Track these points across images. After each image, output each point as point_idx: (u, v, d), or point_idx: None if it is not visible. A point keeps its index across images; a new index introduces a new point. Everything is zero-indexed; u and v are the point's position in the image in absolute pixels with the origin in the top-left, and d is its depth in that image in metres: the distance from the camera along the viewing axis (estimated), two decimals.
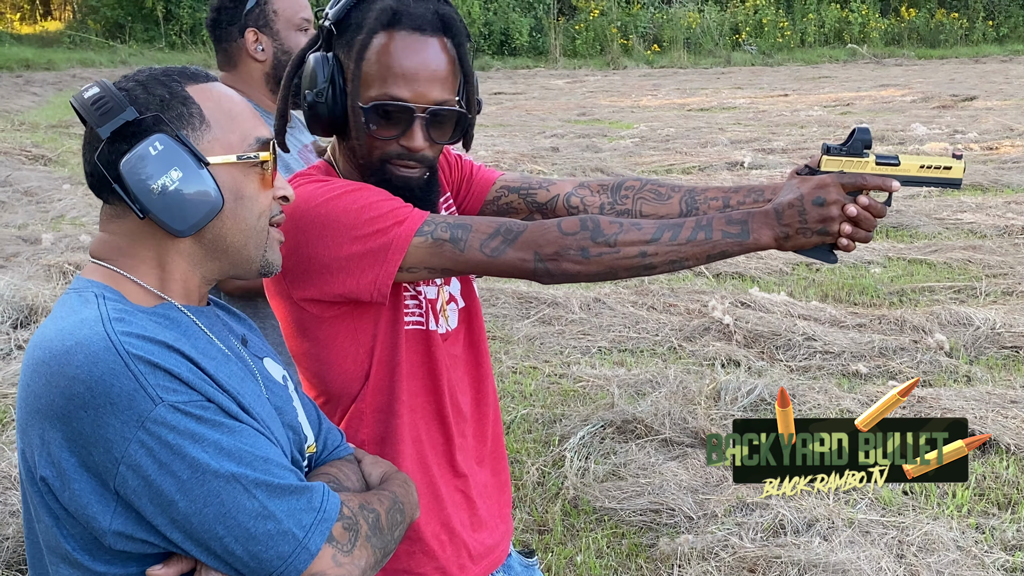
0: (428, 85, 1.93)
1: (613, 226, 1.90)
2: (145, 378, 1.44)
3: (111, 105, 1.56)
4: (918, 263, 8.20)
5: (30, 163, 13.20)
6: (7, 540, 4.12)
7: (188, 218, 1.57)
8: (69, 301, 1.58)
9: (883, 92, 19.96)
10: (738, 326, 6.48)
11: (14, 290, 6.96)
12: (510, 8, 30.82)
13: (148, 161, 1.54)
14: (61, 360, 1.45)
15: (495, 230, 1.92)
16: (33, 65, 26.12)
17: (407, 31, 1.92)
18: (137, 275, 1.62)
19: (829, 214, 1.91)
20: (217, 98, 1.65)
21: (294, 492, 1.52)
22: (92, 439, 1.43)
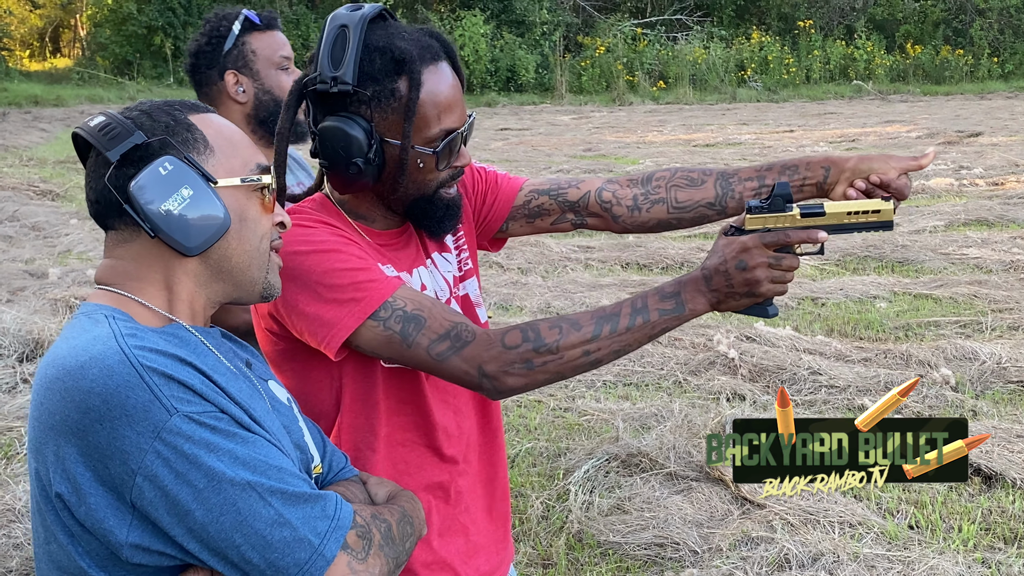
0: (462, 106, 2.03)
1: (553, 332, 1.91)
2: (160, 389, 1.45)
3: (119, 130, 1.59)
4: (924, 298, 8.19)
5: (38, 198, 13.26)
6: (10, 573, 4.11)
7: (198, 236, 1.60)
8: (79, 323, 1.59)
9: (888, 128, 20.00)
10: (743, 360, 6.47)
11: (20, 324, 6.97)
12: (516, 45, 30.98)
13: (158, 181, 1.57)
14: (76, 375, 1.46)
15: (446, 332, 1.92)
16: (42, 101, 26.29)
17: (432, 65, 1.98)
18: (144, 297, 1.63)
19: (754, 277, 1.90)
20: (218, 126, 1.70)
21: (308, 500, 1.54)
22: (108, 451, 1.44)
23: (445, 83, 1.98)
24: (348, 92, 1.94)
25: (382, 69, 1.94)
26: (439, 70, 1.98)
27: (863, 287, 8.43)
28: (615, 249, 10.01)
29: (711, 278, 1.93)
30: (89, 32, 35.52)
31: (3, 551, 4.25)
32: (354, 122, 1.95)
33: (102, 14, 32.84)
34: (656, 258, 9.64)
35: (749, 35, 32.82)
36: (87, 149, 1.67)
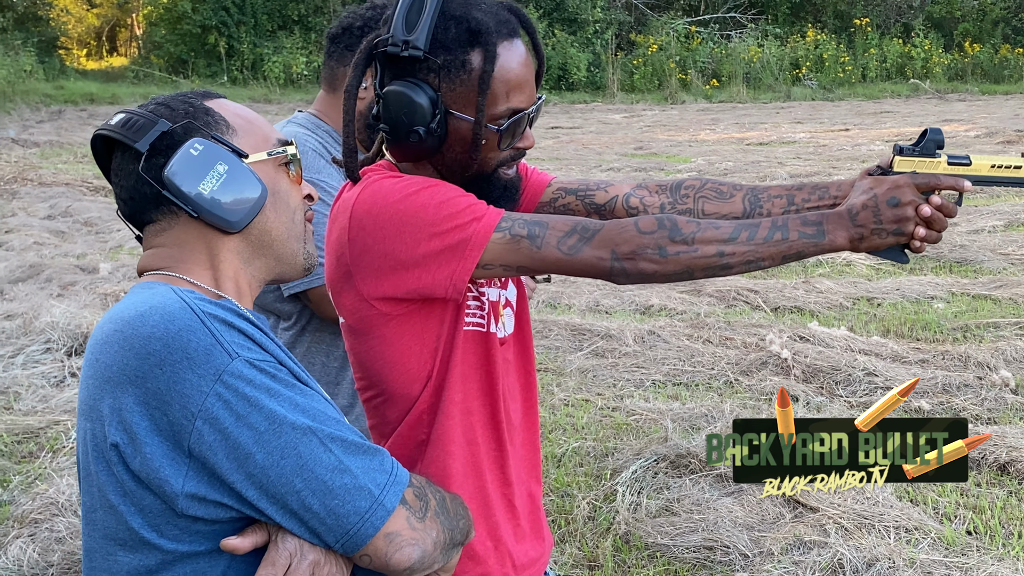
0: (530, 86, 1.99)
1: (691, 225, 1.87)
2: (221, 335, 1.47)
3: (142, 122, 1.61)
4: (982, 299, 8.02)
5: (91, 194, 13.40)
6: (52, 567, 4.10)
7: (239, 211, 1.62)
8: (136, 291, 1.61)
9: (946, 127, 19.72)
10: (796, 360, 6.35)
11: (70, 318, 7.03)
12: (568, 43, 30.93)
13: (192, 163, 1.59)
14: (136, 323, 1.48)
15: (572, 228, 1.88)
16: (97, 99, 26.62)
17: (507, 40, 1.94)
18: (192, 276, 1.64)
19: (904, 214, 1.90)
20: (233, 108, 1.73)
21: (367, 451, 1.54)
22: (168, 396, 1.43)
23: (518, 60, 1.94)
24: (419, 58, 1.89)
25: (456, 38, 1.90)
26: (514, 46, 1.94)
27: (920, 287, 8.27)
28: None
29: (857, 213, 1.90)
30: (145, 31, 35.94)
31: (46, 545, 4.24)
32: (421, 89, 1.90)
33: (157, 13, 33.21)
34: None
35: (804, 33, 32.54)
36: (107, 153, 1.69)
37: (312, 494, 1.47)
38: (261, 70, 30.27)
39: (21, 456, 5.30)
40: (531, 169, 2.33)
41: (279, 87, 29.37)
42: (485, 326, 2.03)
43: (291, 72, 30.05)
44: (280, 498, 1.47)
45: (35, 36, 30.27)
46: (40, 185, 13.71)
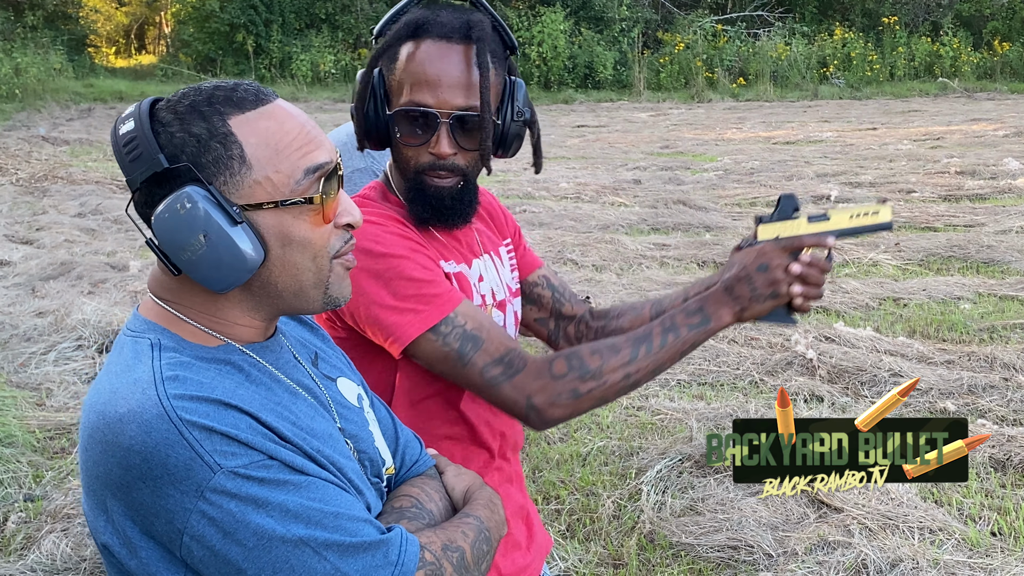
0: (451, 91, 1.96)
1: (595, 358, 1.95)
2: (201, 445, 1.36)
3: (140, 151, 1.45)
4: (1010, 299, 7.99)
5: (121, 192, 13.49)
6: (84, 562, 4.16)
7: (224, 278, 1.47)
8: (124, 350, 1.51)
9: (975, 126, 19.60)
10: (822, 361, 6.35)
11: (100, 315, 7.10)
12: (595, 42, 30.88)
13: (176, 221, 1.43)
14: (115, 429, 1.38)
15: (501, 356, 1.95)
16: (127, 97, 26.77)
17: (433, 39, 1.97)
18: (191, 318, 1.54)
19: (775, 277, 1.98)
20: (263, 130, 1.50)
21: (369, 548, 1.44)
22: (153, 510, 1.37)
23: (437, 61, 1.96)
24: (374, 43, 2.03)
25: (397, 30, 1.99)
26: (440, 47, 1.96)
27: (947, 288, 8.24)
28: (691, 247, 9.91)
29: (733, 287, 2.00)
30: (173, 29, 36.14)
31: (79, 540, 4.30)
32: (369, 71, 2.03)
33: (186, 11, 33.39)
34: None
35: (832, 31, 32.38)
36: None
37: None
38: (289, 68, 30.38)
39: (53, 452, 5.36)
40: (526, 247, 2.40)
41: (307, 85, 29.47)
42: None
43: (319, 70, 30.14)
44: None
45: (65, 34, 30.48)
46: (70, 183, 13.82)
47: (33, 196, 13.10)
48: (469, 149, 2.00)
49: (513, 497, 2.24)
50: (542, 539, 2.34)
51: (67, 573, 4.12)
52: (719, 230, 10.74)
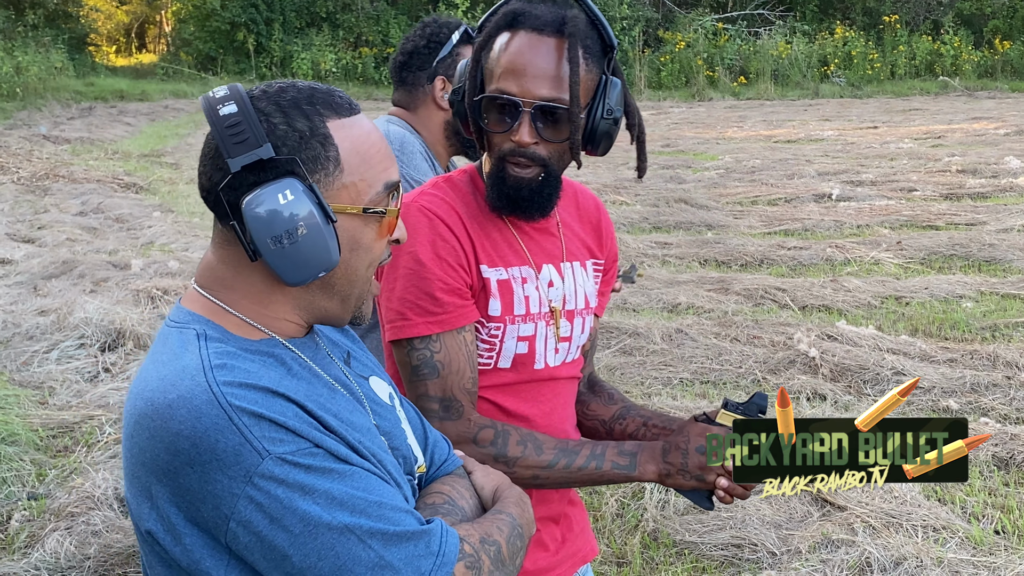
0: (536, 82, 1.98)
1: (518, 448, 2.05)
2: (250, 431, 1.39)
3: (247, 136, 1.46)
4: (1011, 298, 7.99)
5: (122, 191, 13.50)
6: (88, 560, 4.16)
7: (302, 272, 1.50)
8: (170, 340, 1.53)
9: (975, 125, 19.60)
10: (824, 359, 6.35)
11: (103, 314, 7.10)
12: None
13: (274, 208, 1.45)
14: (164, 415, 1.40)
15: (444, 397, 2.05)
16: (127, 96, 26.79)
17: (526, 31, 2.00)
18: (239, 310, 1.56)
19: (707, 478, 2.05)
20: (356, 137, 1.55)
21: (411, 538, 1.46)
22: (200, 495, 1.39)
23: (526, 51, 1.99)
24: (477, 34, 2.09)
25: (495, 21, 2.04)
26: (532, 38, 1.99)
27: (948, 286, 8.24)
28: (692, 246, 9.91)
29: (669, 451, 2.07)
30: (174, 28, 36.13)
31: (82, 538, 4.30)
32: (466, 62, 2.09)
33: (186, 10, 33.38)
34: (735, 255, 9.52)
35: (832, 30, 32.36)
36: None
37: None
38: (289, 67, 30.37)
39: (56, 450, 5.37)
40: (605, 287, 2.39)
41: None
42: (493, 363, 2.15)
43: (319, 69, 30.13)
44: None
45: (65, 33, 30.46)
46: (72, 181, 13.82)
47: (34, 195, 13.10)
48: (551, 140, 2.01)
49: (551, 500, 2.26)
50: (578, 547, 2.35)
51: (71, 571, 4.12)
52: (720, 228, 10.74)
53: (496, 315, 2.10)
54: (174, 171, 15.56)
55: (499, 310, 2.10)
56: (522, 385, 2.18)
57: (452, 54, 3.19)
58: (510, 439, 2.04)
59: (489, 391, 2.15)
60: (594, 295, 2.30)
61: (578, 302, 2.24)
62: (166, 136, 20.24)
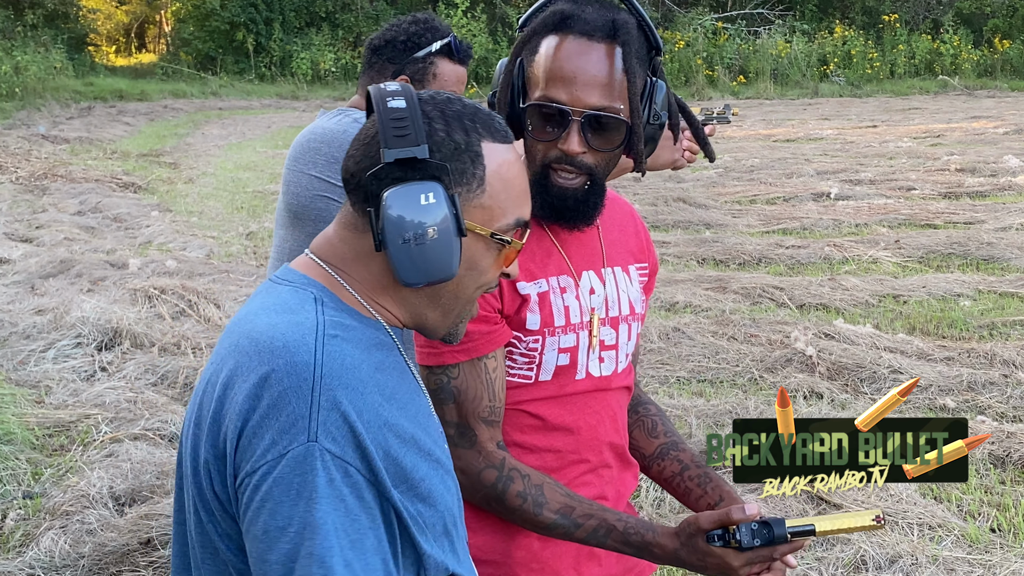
0: (586, 90, 1.92)
1: (516, 500, 1.97)
2: (317, 413, 1.41)
3: (408, 133, 1.49)
4: (1009, 296, 7.98)
5: (120, 190, 13.49)
6: (83, 559, 4.16)
7: (418, 274, 1.51)
8: (282, 294, 1.57)
9: (975, 124, 19.60)
10: (821, 358, 6.35)
11: (100, 313, 7.09)
12: None
13: (413, 207, 1.47)
14: (264, 353, 1.46)
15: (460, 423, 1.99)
16: (127, 96, 26.78)
17: (575, 36, 1.93)
18: (353, 289, 1.58)
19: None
20: (503, 164, 1.58)
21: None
22: (250, 441, 1.43)
23: (575, 58, 1.92)
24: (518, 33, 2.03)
25: (542, 20, 1.97)
26: (581, 44, 1.93)
27: (947, 285, 8.24)
28: (691, 245, 9.91)
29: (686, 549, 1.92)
30: (173, 28, 36.13)
31: (77, 537, 4.30)
32: (511, 61, 2.01)
33: (186, 10, 33.39)
34: (733, 253, 9.52)
35: (832, 29, 32.37)
36: None
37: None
38: (289, 67, 30.38)
39: (52, 449, 5.37)
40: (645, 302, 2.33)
41: (307, 84, 29.47)
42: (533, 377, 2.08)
43: (319, 69, 30.14)
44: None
45: (65, 33, 30.47)
46: (70, 181, 13.82)
47: (33, 194, 13.09)
48: (600, 149, 1.96)
49: None
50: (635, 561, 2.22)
51: (66, 570, 4.12)
52: (719, 227, 10.74)
53: (534, 329, 2.04)
54: (173, 171, 15.56)
55: (537, 324, 2.04)
56: (566, 397, 2.11)
57: (426, 60, 3.11)
58: (511, 487, 1.97)
59: (531, 404, 2.08)
60: (639, 300, 2.23)
61: (622, 308, 2.17)
62: (165, 136, 20.24)
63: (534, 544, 2.09)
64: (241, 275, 8.85)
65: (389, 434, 1.46)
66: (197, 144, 18.98)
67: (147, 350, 6.70)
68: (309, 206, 2.93)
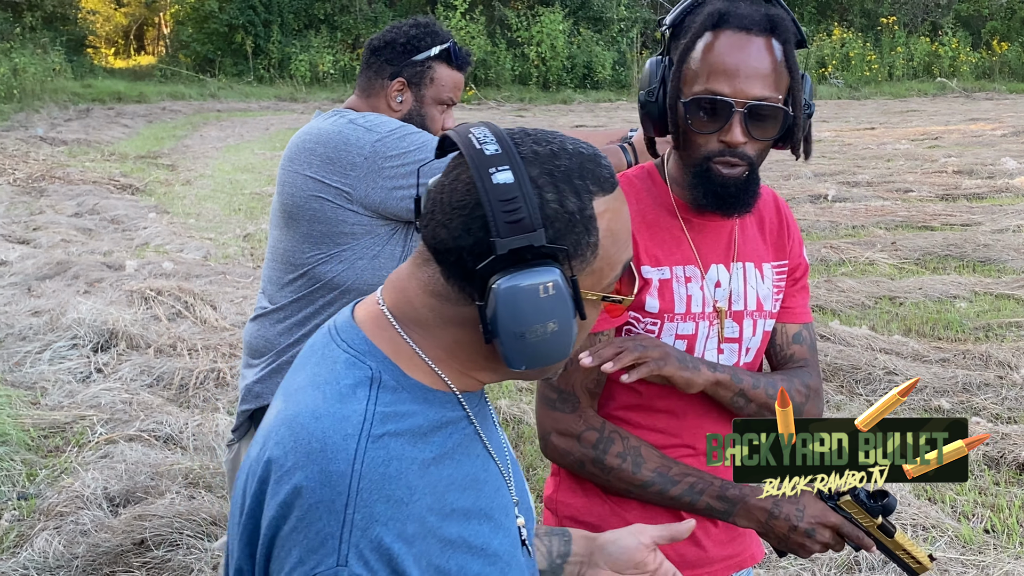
0: (748, 81, 1.96)
1: (616, 459, 2.05)
2: (352, 534, 1.26)
3: (522, 217, 1.28)
4: (1005, 298, 7.99)
5: (118, 192, 13.50)
6: (77, 559, 4.16)
7: (533, 364, 1.35)
8: (338, 365, 1.40)
9: (972, 126, 19.62)
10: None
11: (96, 314, 7.09)
12: (594, 42, 30.91)
13: (531, 301, 1.30)
14: (301, 452, 1.30)
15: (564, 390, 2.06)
16: (125, 98, 26.79)
17: (733, 30, 1.97)
18: (430, 357, 1.41)
19: (810, 548, 2.04)
20: (613, 218, 1.39)
21: None
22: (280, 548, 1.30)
23: (736, 51, 1.96)
24: (665, 32, 2.06)
25: (702, 23, 1.99)
26: (739, 38, 1.96)
27: (943, 287, 8.25)
28: None
29: (777, 519, 2.04)
30: (172, 30, 36.15)
31: (71, 537, 4.30)
32: (661, 59, 2.05)
33: (184, 12, 33.41)
34: None
35: (831, 31, 32.43)
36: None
37: None
38: (287, 69, 30.40)
39: (47, 450, 5.37)
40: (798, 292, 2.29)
41: (305, 86, 29.49)
42: None
43: (317, 71, 30.17)
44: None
45: (63, 35, 30.50)
46: (68, 183, 13.82)
47: (30, 196, 13.10)
48: (760, 139, 2.00)
49: None
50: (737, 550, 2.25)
51: (59, 571, 4.11)
52: None
53: (653, 312, 2.07)
54: (170, 172, 15.56)
55: (656, 308, 2.07)
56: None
57: (424, 64, 3.11)
58: (612, 448, 2.04)
59: (643, 384, 2.08)
60: (770, 298, 2.20)
61: (748, 303, 2.16)
62: (163, 138, 20.25)
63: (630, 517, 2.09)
64: (238, 277, 8.85)
65: (434, 544, 1.32)
66: (195, 146, 18.99)
67: (143, 351, 6.70)
68: (304, 207, 2.93)
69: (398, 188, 2.86)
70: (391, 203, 2.87)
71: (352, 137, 2.91)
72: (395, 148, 2.90)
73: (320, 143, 2.96)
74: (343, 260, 2.91)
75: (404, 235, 2.96)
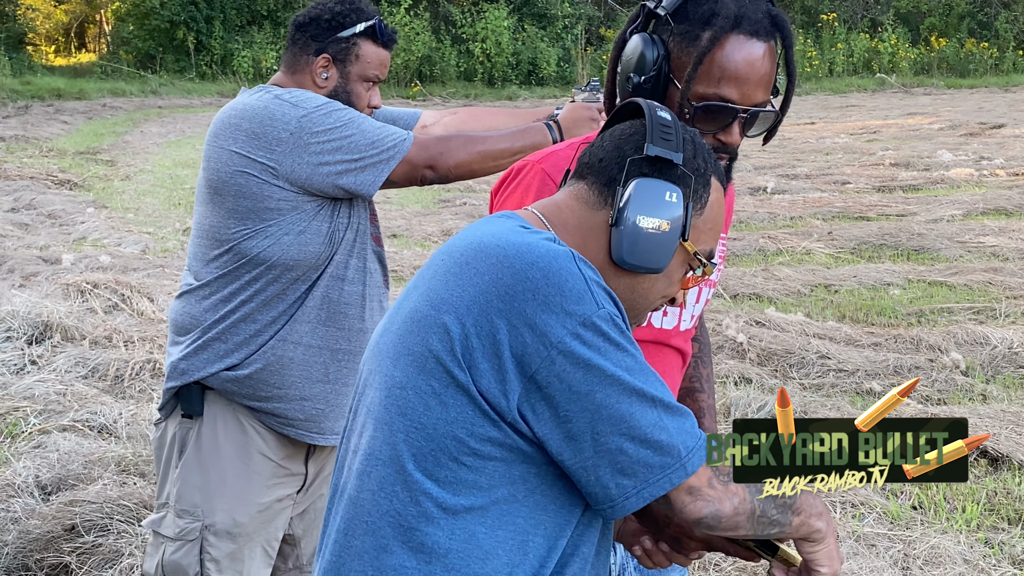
0: (755, 88, 2.03)
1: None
2: (592, 287, 1.54)
3: (672, 139, 1.68)
4: (938, 285, 8.13)
5: (56, 187, 13.32)
6: (6, 546, 4.12)
7: (636, 258, 1.67)
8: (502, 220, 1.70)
9: (910, 120, 19.89)
10: (752, 344, 6.43)
11: (30, 307, 7.00)
12: (538, 38, 30.96)
13: (657, 198, 1.65)
14: (520, 250, 1.56)
15: None
16: (64, 95, 26.40)
17: (745, 35, 2.01)
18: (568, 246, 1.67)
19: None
20: (717, 201, 1.76)
21: (681, 414, 1.59)
22: (531, 321, 1.52)
23: (746, 57, 2.01)
24: (662, 17, 2.06)
25: (700, 14, 2.02)
26: (749, 44, 2.01)
27: (877, 274, 8.37)
28: None
29: None
30: (113, 27, 35.74)
31: (1, 525, 4.26)
32: (653, 43, 2.07)
33: (125, 8, 33.01)
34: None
35: None
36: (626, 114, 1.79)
37: (631, 441, 1.54)
38: (230, 65, 30.15)
39: None
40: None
41: (248, 82, 29.26)
42: None
43: (260, 67, 29.94)
44: (600, 435, 1.54)
45: (2, 32, 30.04)
46: (4, 179, 13.62)
47: None
48: (751, 137, 2.10)
49: None
50: None
51: None
52: None
53: None
54: (110, 168, 15.39)
55: None
56: None
57: (349, 41, 3.11)
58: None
59: None
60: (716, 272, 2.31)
61: None
62: (103, 134, 20.01)
63: None
64: (176, 270, 8.78)
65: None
66: (135, 142, 18.79)
67: (78, 343, 6.64)
68: (229, 182, 2.92)
69: (324, 164, 2.87)
70: (316, 179, 2.88)
71: (278, 112, 2.91)
72: (321, 124, 2.90)
73: (245, 118, 2.95)
74: (269, 235, 2.91)
75: (330, 211, 2.96)
